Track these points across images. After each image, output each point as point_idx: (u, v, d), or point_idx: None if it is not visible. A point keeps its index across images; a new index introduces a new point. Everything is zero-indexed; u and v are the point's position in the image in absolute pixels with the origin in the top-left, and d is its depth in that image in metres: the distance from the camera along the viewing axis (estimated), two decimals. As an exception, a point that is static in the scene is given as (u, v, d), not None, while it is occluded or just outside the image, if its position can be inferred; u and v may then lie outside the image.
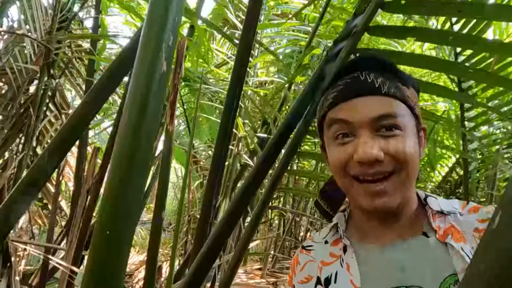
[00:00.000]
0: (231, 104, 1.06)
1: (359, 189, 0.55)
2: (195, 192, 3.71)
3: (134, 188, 0.45)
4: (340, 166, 0.57)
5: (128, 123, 0.45)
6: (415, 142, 0.56)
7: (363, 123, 0.55)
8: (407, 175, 0.54)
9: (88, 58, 2.25)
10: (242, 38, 1.04)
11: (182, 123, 4.80)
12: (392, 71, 0.60)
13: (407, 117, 0.56)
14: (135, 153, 0.45)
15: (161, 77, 0.47)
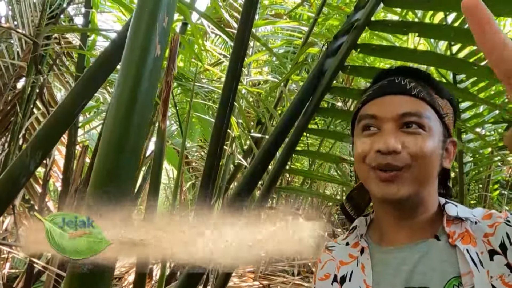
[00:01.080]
0: (226, 100, 1.02)
1: (374, 177, 0.57)
2: (187, 193, 3.64)
3: (122, 179, 0.40)
4: (361, 156, 0.59)
5: (118, 109, 0.41)
6: (437, 146, 0.58)
7: (388, 118, 0.58)
8: (420, 171, 0.55)
9: (78, 54, 2.19)
10: (238, 33, 1.00)
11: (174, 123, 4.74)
12: (426, 80, 0.63)
13: (434, 121, 0.59)
14: (125, 140, 0.40)
15: (154, 61, 0.43)
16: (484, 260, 0.52)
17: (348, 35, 0.95)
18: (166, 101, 1.51)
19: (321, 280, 0.67)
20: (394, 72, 0.64)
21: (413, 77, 0.63)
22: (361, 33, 0.94)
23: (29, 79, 2.08)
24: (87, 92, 0.79)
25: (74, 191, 1.47)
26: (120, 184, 0.41)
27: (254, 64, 3.59)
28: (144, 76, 0.42)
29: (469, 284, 0.50)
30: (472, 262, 0.51)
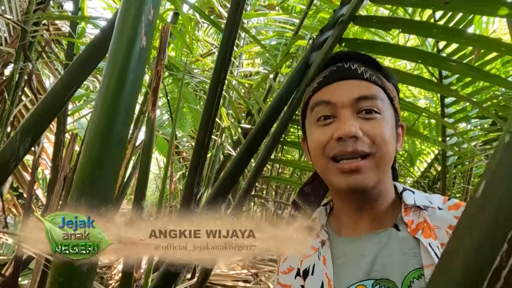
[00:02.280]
0: (214, 90, 1.04)
1: (335, 169, 0.56)
2: (177, 183, 3.66)
3: (108, 167, 0.43)
4: (320, 148, 0.58)
5: (104, 98, 0.43)
6: (392, 130, 0.58)
7: (344, 104, 0.57)
8: (382, 158, 0.55)
9: (67, 42, 2.17)
10: (227, 23, 1.02)
11: (165, 113, 4.72)
12: (374, 65, 0.64)
13: (386, 104, 0.59)
14: (111, 130, 0.43)
15: (140, 51, 0.45)
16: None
17: (333, 29, 0.97)
18: (156, 91, 1.52)
19: (284, 273, 0.66)
20: (342, 58, 0.64)
21: (362, 62, 0.63)
22: (346, 27, 0.97)
23: (17, 66, 2.06)
24: (76, 79, 0.80)
25: (63, 179, 1.48)
26: (106, 171, 0.43)
27: (246, 56, 3.59)
28: (130, 67, 0.44)
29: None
30: (435, 255, 0.51)
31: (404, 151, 4.28)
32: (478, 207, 0.17)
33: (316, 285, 0.58)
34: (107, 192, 0.44)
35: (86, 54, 0.81)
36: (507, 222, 0.16)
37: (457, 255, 0.17)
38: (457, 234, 0.18)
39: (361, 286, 0.54)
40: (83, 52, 0.81)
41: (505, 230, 0.16)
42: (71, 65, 0.79)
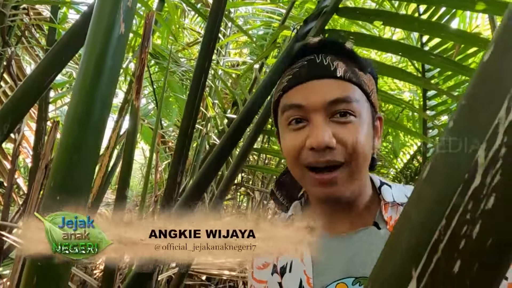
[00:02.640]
0: (198, 79, 1.04)
1: (311, 179, 0.54)
2: (163, 172, 3.64)
3: (86, 153, 0.43)
4: (293, 155, 0.55)
5: (82, 85, 0.43)
6: (368, 130, 0.55)
7: (316, 108, 0.53)
8: (357, 165, 0.53)
9: (49, 27, 2.11)
10: (211, 11, 1.01)
11: (151, 102, 4.66)
12: (349, 55, 0.58)
13: (362, 103, 0.55)
14: (88, 116, 0.43)
15: (119, 38, 0.45)
16: None
17: (317, 20, 0.98)
18: (140, 79, 1.50)
19: (259, 269, 0.63)
20: (313, 49, 0.58)
21: (335, 53, 0.57)
22: (329, 18, 0.98)
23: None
24: (56, 64, 0.79)
25: (45, 167, 1.46)
26: (84, 157, 0.43)
27: (233, 45, 3.56)
28: (109, 53, 0.44)
29: None
30: None
31: (388, 143, 4.36)
32: (423, 186, 0.19)
33: (295, 283, 0.57)
34: (85, 178, 0.44)
35: (66, 39, 0.80)
36: (445, 201, 0.17)
37: (405, 230, 0.19)
38: (406, 211, 0.20)
39: (341, 284, 0.53)
40: (63, 37, 0.80)
41: (444, 207, 0.17)
42: (51, 50, 0.78)
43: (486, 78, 0.17)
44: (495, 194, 0.16)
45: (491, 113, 0.17)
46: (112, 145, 2.32)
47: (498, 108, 0.16)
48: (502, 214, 0.16)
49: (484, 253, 0.16)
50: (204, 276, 2.83)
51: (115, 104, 5.53)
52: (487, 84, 0.17)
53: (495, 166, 0.16)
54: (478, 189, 0.16)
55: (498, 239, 0.16)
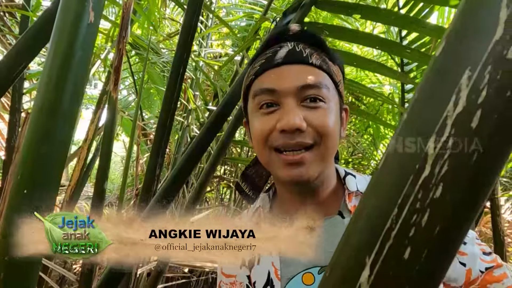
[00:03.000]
0: (177, 70, 1.03)
1: (278, 161, 0.54)
2: (144, 165, 3.59)
3: (55, 146, 0.42)
4: (262, 137, 0.55)
5: (51, 73, 0.42)
6: (337, 118, 0.56)
7: (288, 92, 0.54)
8: (326, 149, 0.54)
9: (21, 15, 2.02)
10: (189, 2, 0.99)
11: (132, 93, 4.56)
12: (320, 45, 0.59)
13: (332, 91, 0.56)
14: (58, 108, 0.42)
15: (88, 27, 0.44)
16: None
17: (296, 12, 0.98)
18: (117, 70, 1.47)
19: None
20: (285, 38, 0.59)
21: (307, 42, 0.58)
22: (308, 11, 0.98)
23: (-36, 39, 1.90)
24: (26, 54, 0.76)
25: (19, 160, 1.41)
26: (52, 150, 0.42)
27: (216, 36, 3.52)
28: (78, 43, 0.43)
29: None
30: None
31: (369, 135, 4.43)
32: (379, 176, 0.19)
33: (263, 275, 0.57)
34: (54, 171, 0.43)
35: (37, 27, 0.77)
36: (398, 190, 0.18)
37: (361, 219, 0.20)
38: (363, 200, 0.20)
39: (308, 274, 0.54)
40: (34, 25, 0.77)
41: (397, 196, 0.18)
42: (20, 38, 0.75)
43: (437, 73, 0.18)
44: (443, 184, 0.17)
45: (440, 106, 0.17)
46: (90, 137, 2.27)
47: (446, 101, 0.17)
48: (449, 202, 0.17)
49: (432, 240, 0.17)
50: (187, 269, 2.84)
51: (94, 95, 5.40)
52: (437, 78, 0.18)
53: (443, 157, 0.17)
54: (427, 179, 0.17)
55: (445, 227, 0.17)
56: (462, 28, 0.18)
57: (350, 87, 1.13)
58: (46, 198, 0.42)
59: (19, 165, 0.42)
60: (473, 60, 0.16)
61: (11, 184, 0.41)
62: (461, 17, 0.18)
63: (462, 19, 0.18)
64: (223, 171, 4.13)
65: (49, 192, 0.43)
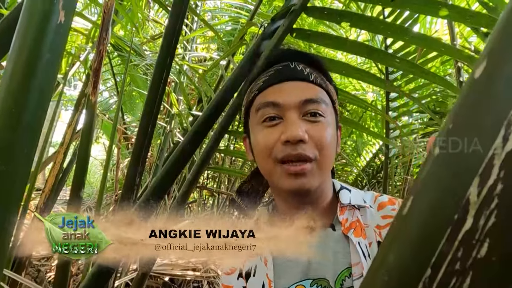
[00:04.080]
0: (160, 75, 0.98)
1: (281, 171, 0.56)
2: (124, 170, 3.49)
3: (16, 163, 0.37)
4: (266, 150, 0.57)
5: (13, 77, 0.37)
6: (334, 133, 0.59)
7: (291, 106, 0.57)
8: (324, 162, 0.57)
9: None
10: (175, 1, 0.95)
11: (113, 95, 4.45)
12: (317, 66, 0.64)
13: (329, 108, 0.60)
14: (21, 113, 0.37)
15: (57, 28, 0.39)
16: (372, 252, 0.54)
17: (285, 18, 0.95)
18: (97, 72, 1.41)
19: (227, 274, 0.66)
20: (288, 56, 0.64)
21: (306, 62, 0.63)
22: (297, 17, 0.95)
23: None
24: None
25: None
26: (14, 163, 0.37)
27: (201, 39, 3.47)
28: (45, 44, 0.38)
29: (357, 274, 0.52)
30: (362, 254, 0.53)
31: (352, 141, 4.47)
32: (404, 226, 0.16)
33: (257, 286, 0.59)
34: (15, 189, 0.38)
35: (6, 25, 0.71)
36: (430, 246, 0.14)
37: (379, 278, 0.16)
38: (380, 253, 0.16)
39: (300, 286, 0.56)
40: (2, 22, 0.71)
41: (429, 254, 0.14)
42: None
43: (478, 100, 0.15)
44: (489, 240, 0.13)
45: (485, 142, 0.14)
46: (67, 141, 2.18)
47: (493, 136, 0.14)
48: (497, 264, 0.13)
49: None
50: (167, 278, 2.75)
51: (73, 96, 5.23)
52: (479, 107, 0.14)
53: (489, 206, 0.13)
54: (469, 233, 0.14)
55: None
56: (508, 44, 0.14)
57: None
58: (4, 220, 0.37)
59: (-28, 183, 0.36)
60: (527, 85, 0.13)
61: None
62: (505, 31, 0.14)
63: (507, 34, 0.14)
64: (206, 175, 4.06)
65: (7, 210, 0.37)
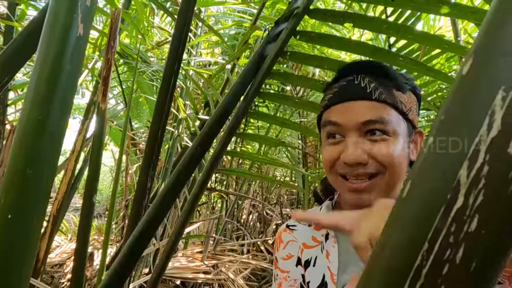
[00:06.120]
0: (168, 79, 1.01)
1: (344, 186, 0.59)
2: (134, 176, 3.53)
3: (42, 168, 0.39)
4: (329, 164, 0.60)
5: (37, 88, 0.40)
6: (404, 146, 0.58)
7: (351, 127, 0.57)
8: (391, 177, 0.57)
9: (6, 25, 1.98)
10: (181, 8, 0.98)
11: (120, 103, 4.51)
12: (388, 76, 0.61)
13: (397, 122, 0.58)
14: (44, 123, 0.39)
15: (77, 41, 0.42)
16: None
17: (288, 21, 0.97)
18: (106, 80, 1.44)
19: (284, 259, 0.68)
20: (353, 70, 0.62)
21: (373, 74, 0.61)
22: (300, 20, 0.97)
23: None
24: (11, 67, 0.73)
25: (2, 174, 1.36)
26: (40, 168, 0.40)
27: (205, 45, 3.51)
28: (66, 57, 0.41)
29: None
30: None
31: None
32: (403, 207, 0.18)
33: (317, 277, 0.61)
34: (41, 194, 0.40)
35: (21, 40, 0.74)
36: (427, 223, 0.16)
37: (384, 252, 0.18)
38: (385, 232, 0.18)
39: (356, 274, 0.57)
40: (18, 37, 0.74)
41: (426, 230, 0.16)
42: (5, 50, 0.72)
43: (465, 93, 0.17)
44: (478, 216, 0.15)
45: (472, 130, 0.16)
46: (78, 148, 2.22)
47: (479, 124, 0.16)
48: (486, 236, 0.15)
49: (468, 278, 0.15)
50: (179, 281, 2.78)
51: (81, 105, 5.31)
52: (466, 99, 0.16)
53: (477, 186, 0.15)
54: (461, 211, 0.15)
55: (482, 263, 0.15)
56: (493, 41, 0.16)
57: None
58: (31, 222, 0.40)
59: (2, 188, 0.39)
60: (507, 78, 0.15)
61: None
62: (490, 29, 0.16)
63: (492, 31, 0.16)
64: (214, 178, 4.09)
65: (33, 216, 0.40)
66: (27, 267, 0.39)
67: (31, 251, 0.40)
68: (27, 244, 0.38)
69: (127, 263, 0.88)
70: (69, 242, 3.78)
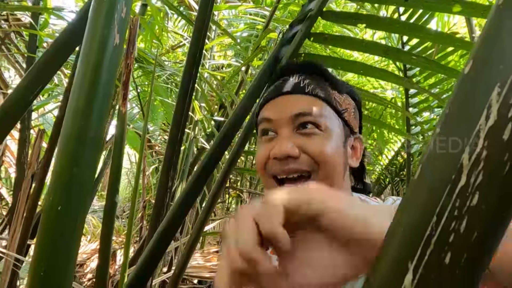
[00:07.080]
0: (187, 84, 1.05)
1: (274, 187, 0.55)
2: (150, 177, 3.61)
3: (85, 168, 0.44)
4: (260, 164, 0.57)
5: (78, 101, 0.44)
6: (338, 145, 0.56)
7: (283, 121, 0.56)
8: (325, 175, 0.54)
9: (29, 34, 2.07)
10: (198, 16, 1.02)
11: (135, 106, 4.60)
12: (324, 75, 0.61)
13: (331, 119, 0.57)
14: (85, 131, 0.43)
15: (113, 50, 0.46)
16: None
17: (302, 24, 1.00)
18: (126, 84, 1.50)
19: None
20: (289, 70, 0.62)
21: (308, 73, 0.60)
22: (314, 22, 1.00)
23: (-26, 59, 1.95)
24: (42, 78, 0.78)
25: (31, 177, 1.44)
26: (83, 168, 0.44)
27: (217, 47, 3.56)
28: (104, 67, 0.45)
29: None
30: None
31: (373, 140, 4.44)
32: (416, 187, 0.21)
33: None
34: (84, 189, 0.45)
35: (53, 51, 0.80)
36: (436, 199, 0.19)
37: (400, 226, 0.21)
38: (401, 208, 0.22)
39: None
40: (50, 48, 0.80)
41: (435, 205, 0.19)
42: (37, 63, 0.77)
43: (467, 89, 0.20)
44: (478, 192, 0.18)
45: (472, 121, 0.19)
46: (99, 151, 2.29)
47: (478, 115, 0.19)
48: (485, 209, 0.18)
49: (471, 245, 0.19)
50: (196, 280, 2.83)
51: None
52: (468, 94, 0.19)
53: (478, 167, 0.18)
54: (464, 188, 0.19)
55: (482, 232, 0.18)
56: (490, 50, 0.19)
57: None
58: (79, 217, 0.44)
59: (51, 185, 0.44)
60: (502, 77, 0.18)
61: (45, 204, 0.42)
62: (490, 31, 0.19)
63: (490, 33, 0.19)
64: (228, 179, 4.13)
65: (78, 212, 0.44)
66: (73, 252, 0.43)
67: (77, 239, 0.44)
68: (74, 232, 0.43)
69: (152, 259, 0.93)
70: (89, 243, 3.88)
